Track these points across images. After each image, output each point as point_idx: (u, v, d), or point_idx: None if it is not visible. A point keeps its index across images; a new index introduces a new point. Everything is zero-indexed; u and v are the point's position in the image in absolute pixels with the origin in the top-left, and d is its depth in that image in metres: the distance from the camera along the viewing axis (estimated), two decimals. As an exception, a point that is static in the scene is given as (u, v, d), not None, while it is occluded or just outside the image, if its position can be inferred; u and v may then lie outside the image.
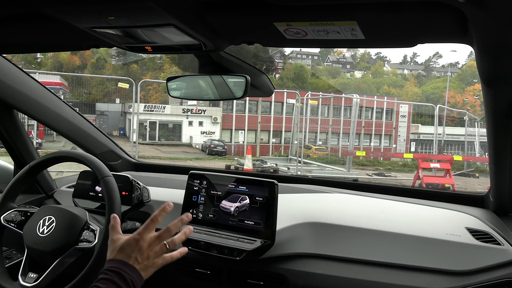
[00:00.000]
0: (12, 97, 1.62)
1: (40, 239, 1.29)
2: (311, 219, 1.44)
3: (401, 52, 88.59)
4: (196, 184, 1.49)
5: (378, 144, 23.55)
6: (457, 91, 46.86)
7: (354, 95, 14.66)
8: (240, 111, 24.09)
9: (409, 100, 40.99)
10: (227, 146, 21.45)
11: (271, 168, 12.45)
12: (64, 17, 0.94)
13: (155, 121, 22.54)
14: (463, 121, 15.81)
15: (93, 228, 1.32)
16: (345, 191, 1.73)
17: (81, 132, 1.95)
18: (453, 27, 0.84)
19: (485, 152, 13.83)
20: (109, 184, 1.30)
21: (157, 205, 1.63)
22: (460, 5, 0.72)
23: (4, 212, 1.41)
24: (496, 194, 1.48)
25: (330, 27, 0.89)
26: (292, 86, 36.05)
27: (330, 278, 1.29)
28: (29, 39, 1.28)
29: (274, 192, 1.35)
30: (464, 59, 65.99)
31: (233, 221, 1.40)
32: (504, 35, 0.78)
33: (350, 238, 1.37)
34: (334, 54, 65.92)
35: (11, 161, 1.90)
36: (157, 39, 1.05)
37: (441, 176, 10.26)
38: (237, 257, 1.30)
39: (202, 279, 1.43)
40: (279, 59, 48.92)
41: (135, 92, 10.91)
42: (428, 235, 1.33)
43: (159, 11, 0.86)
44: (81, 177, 1.66)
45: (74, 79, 21.23)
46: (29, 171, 1.45)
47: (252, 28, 1.00)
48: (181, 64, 24.46)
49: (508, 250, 1.27)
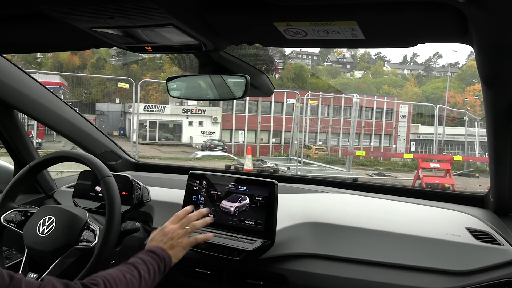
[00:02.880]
0: (12, 97, 1.62)
1: (40, 239, 1.29)
2: (311, 219, 1.44)
3: (401, 52, 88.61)
4: (196, 184, 1.49)
5: (378, 144, 23.54)
6: (457, 91, 46.86)
7: (354, 95, 14.66)
8: (240, 111, 24.09)
9: (409, 100, 40.97)
10: (227, 146, 21.45)
11: (271, 168, 12.44)
12: (64, 17, 0.94)
13: (155, 121, 22.52)
14: (463, 121, 15.81)
15: (93, 228, 1.32)
16: (345, 191, 1.73)
17: (81, 132, 1.95)
18: (453, 27, 0.84)
19: (485, 152, 13.82)
20: (109, 184, 1.29)
21: (157, 205, 1.63)
22: (460, 5, 0.72)
23: (4, 212, 1.41)
24: (496, 194, 1.48)
25: (330, 27, 0.89)
26: (292, 86, 36.04)
27: (330, 278, 1.29)
28: (29, 39, 1.28)
29: (274, 192, 1.35)
30: (464, 59, 66.03)
31: (233, 221, 1.40)
32: (504, 35, 0.78)
33: (350, 238, 1.37)
34: (334, 54, 65.92)
35: (11, 161, 1.90)
36: (157, 39, 1.05)
37: (441, 176, 10.26)
38: (237, 257, 1.30)
39: (202, 279, 1.43)
40: (279, 59, 48.93)
41: (135, 92, 10.90)
42: (428, 235, 1.33)
43: (159, 11, 0.86)
44: (81, 177, 1.66)
45: (74, 79, 21.22)
46: (29, 171, 1.45)
47: (252, 28, 1.00)
48: (181, 64, 24.47)
49: (508, 250, 1.27)
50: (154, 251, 1.13)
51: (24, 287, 0.76)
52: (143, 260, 1.08)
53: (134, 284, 1.00)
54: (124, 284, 0.97)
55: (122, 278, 0.98)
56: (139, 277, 1.02)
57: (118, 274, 0.99)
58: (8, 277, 0.75)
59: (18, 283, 0.75)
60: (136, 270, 1.03)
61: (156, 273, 1.08)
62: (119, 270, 1.02)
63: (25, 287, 0.76)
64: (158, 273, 1.09)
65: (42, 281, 0.81)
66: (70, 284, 0.85)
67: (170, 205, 1.60)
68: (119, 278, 0.98)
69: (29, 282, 0.78)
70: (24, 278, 0.78)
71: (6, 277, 0.75)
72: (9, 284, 0.74)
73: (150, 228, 1.60)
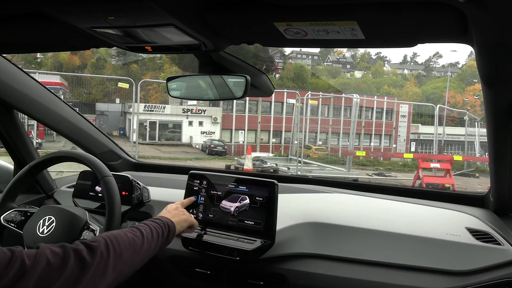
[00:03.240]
0: (12, 97, 1.62)
1: (40, 239, 1.29)
2: (311, 219, 1.44)
3: (401, 52, 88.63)
4: (196, 184, 1.49)
5: (378, 144, 23.56)
6: (457, 91, 46.86)
7: (354, 95, 14.65)
8: (240, 111, 24.10)
9: (409, 100, 40.98)
10: (227, 146, 21.45)
11: (271, 168, 12.44)
12: (64, 17, 0.94)
13: (155, 121, 22.54)
14: (463, 121, 15.82)
15: (93, 228, 1.32)
16: (345, 191, 1.73)
17: (81, 132, 1.95)
18: (453, 27, 0.84)
19: (485, 152, 13.83)
20: (109, 184, 1.29)
21: (157, 205, 1.63)
22: (460, 5, 0.72)
23: (4, 212, 1.41)
24: (496, 194, 1.48)
25: (330, 27, 0.89)
26: (292, 86, 36.06)
27: (330, 278, 1.29)
28: (29, 39, 1.28)
29: (274, 192, 1.35)
30: (464, 59, 66.08)
31: (233, 221, 1.39)
32: (504, 35, 0.78)
33: (350, 238, 1.37)
34: (334, 54, 65.93)
35: (11, 161, 1.90)
36: (157, 39, 1.05)
37: (441, 176, 10.26)
38: (237, 257, 1.30)
39: (202, 279, 1.43)
40: (279, 59, 48.96)
41: (135, 92, 10.90)
42: (428, 235, 1.33)
43: (159, 11, 0.86)
44: (81, 177, 1.66)
45: (74, 79, 21.24)
46: (29, 171, 1.45)
47: (252, 28, 1.00)
48: (181, 64, 24.49)
49: (508, 250, 1.27)
50: (158, 217, 1.20)
51: (26, 257, 0.79)
52: (146, 224, 1.12)
53: (137, 243, 1.03)
54: (126, 243, 0.99)
55: (124, 236, 1.00)
56: (141, 237, 1.05)
57: (120, 233, 1.01)
58: (8, 251, 0.79)
59: (20, 254, 0.79)
60: (138, 231, 1.06)
61: (159, 236, 1.12)
62: (122, 230, 1.04)
63: (26, 256, 0.80)
64: (161, 237, 1.13)
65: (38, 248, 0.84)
66: (66, 245, 0.88)
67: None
68: (120, 236, 1.00)
69: (28, 251, 0.82)
70: (24, 250, 0.81)
71: (7, 251, 0.78)
72: (11, 257, 0.77)
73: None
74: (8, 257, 0.77)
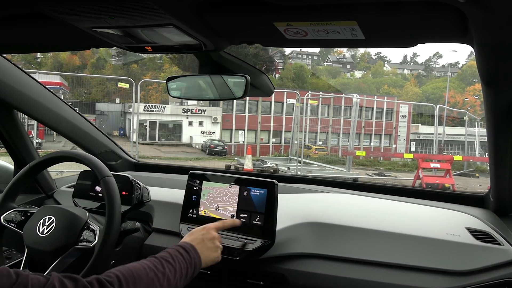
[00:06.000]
0: (12, 97, 1.62)
1: (40, 239, 1.29)
2: (311, 219, 1.44)
3: (401, 52, 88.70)
4: (196, 184, 1.49)
5: (378, 144, 23.56)
6: (457, 91, 46.86)
7: (354, 95, 14.67)
8: (240, 111, 24.10)
9: (409, 100, 41.01)
10: (227, 146, 21.45)
11: (271, 168, 12.44)
12: (64, 17, 0.94)
13: (155, 121, 22.54)
14: (463, 121, 15.82)
15: (93, 228, 1.32)
16: (345, 191, 1.73)
17: (81, 132, 1.95)
18: (453, 27, 0.84)
19: (485, 152, 13.82)
20: (109, 184, 1.29)
21: (157, 205, 1.63)
22: (460, 5, 0.72)
23: (4, 212, 1.41)
24: (496, 194, 1.48)
25: (330, 27, 0.89)
26: (292, 86, 36.05)
27: (330, 278, 1.29)
28: (29, 39, 1.28)
29: (274, 192, 1.35)
30: (464, 59, 66.09)
31: (233, 221, 1.39)
32: (504, 35, 0.78)
33: (350, 238, 1.37)
34: (334, 54, 65.94)
35: (11, 161, 1.90)
36: (157, 39, 1.05)
37: (441, 176, 10.26)
38: (237, 257, 1.30)
39: (202, 279, 1.43)
40: (279, 59, 48.96)
41: (135, 92, 10.91)
42: (428, 235, 1.33)
43: (159, 11, 0.86)
44: (81, 177, 1.66)
45: (74, 79, 21.26)
46: (29, 171, 1.45)
47: (252, 28, 1.00)
48: (181, 64, 24.49)
49: (508, 250, 1.27)
50: (188, 251, 1.07)
51: (30, 284, 0.75)
52: (172, 261, 1.00)
53: (155, 286, 0.93)
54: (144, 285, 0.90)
55: (143, 277, 0.91)
56: (162, 279, 0.95)
57: (139, 272, 0.91)
58: (14, 275, 0.74)
59: (24, 280, 0.74)
60: (161, 270, 0.96)
61: (182, 278, 1.01)
62: (142, 265, 0.94)
63: (31, 283, 0.75)
64: (183, 279, 1.01)
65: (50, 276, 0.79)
66: (79, 280, 0.81)
67: (170, 205, 1.60)
68: (139, 276, 0.90)
69: (35, 278, 0.76)
70: (30, 275, 0.76)
71: (13, 275, 0.74)
72: (15, 281, 0.73)
73: (150, 228, 1.60)
74: (12, 281, 0.73)
